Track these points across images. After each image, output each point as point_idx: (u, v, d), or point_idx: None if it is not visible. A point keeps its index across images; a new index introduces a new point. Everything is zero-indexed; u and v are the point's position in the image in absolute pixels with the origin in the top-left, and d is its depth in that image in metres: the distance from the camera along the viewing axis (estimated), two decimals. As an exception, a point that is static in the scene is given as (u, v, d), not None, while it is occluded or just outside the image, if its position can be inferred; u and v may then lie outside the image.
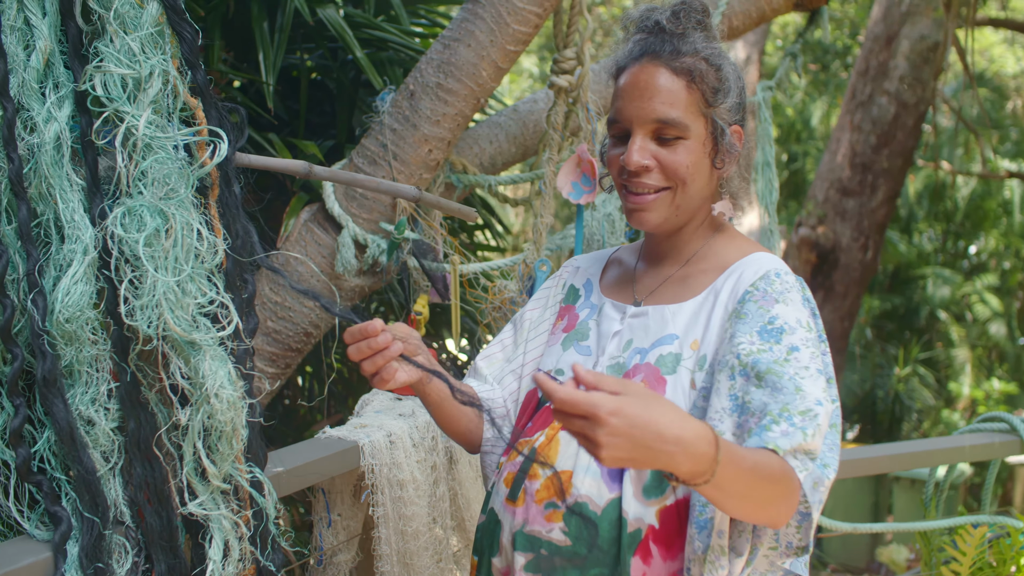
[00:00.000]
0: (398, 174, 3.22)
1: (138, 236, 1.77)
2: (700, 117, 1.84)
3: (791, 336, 1.75)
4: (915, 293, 15.33)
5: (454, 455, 2.78)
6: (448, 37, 3.24)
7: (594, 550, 1.77)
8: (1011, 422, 3.56)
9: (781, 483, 1.63)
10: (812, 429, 1.66)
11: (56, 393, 1.81)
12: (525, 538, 1.82)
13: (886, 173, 9.77)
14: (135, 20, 1.83)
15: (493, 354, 2.16)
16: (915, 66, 9.45)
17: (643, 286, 1.96)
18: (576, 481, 1.80)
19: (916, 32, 9.42)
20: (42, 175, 1.84)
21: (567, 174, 3.45)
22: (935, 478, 3.75)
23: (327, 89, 3.97)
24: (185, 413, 1.84)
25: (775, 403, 1.68)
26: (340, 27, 3.33)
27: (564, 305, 2.08)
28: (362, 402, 2.87)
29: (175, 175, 1.83)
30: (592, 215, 3.72)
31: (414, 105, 3.22)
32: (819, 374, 1.72)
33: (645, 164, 1.83)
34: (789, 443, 1.64)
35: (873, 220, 9.92)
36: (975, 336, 15.37)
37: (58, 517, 1.82)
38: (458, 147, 3.59)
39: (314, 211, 3.30)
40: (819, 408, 1.67)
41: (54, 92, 1.87)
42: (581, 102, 3.41)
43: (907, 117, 9.61)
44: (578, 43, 3.34)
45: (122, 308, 1.76)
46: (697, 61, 1.84)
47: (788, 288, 1.81)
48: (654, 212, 1.87)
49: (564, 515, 1.79)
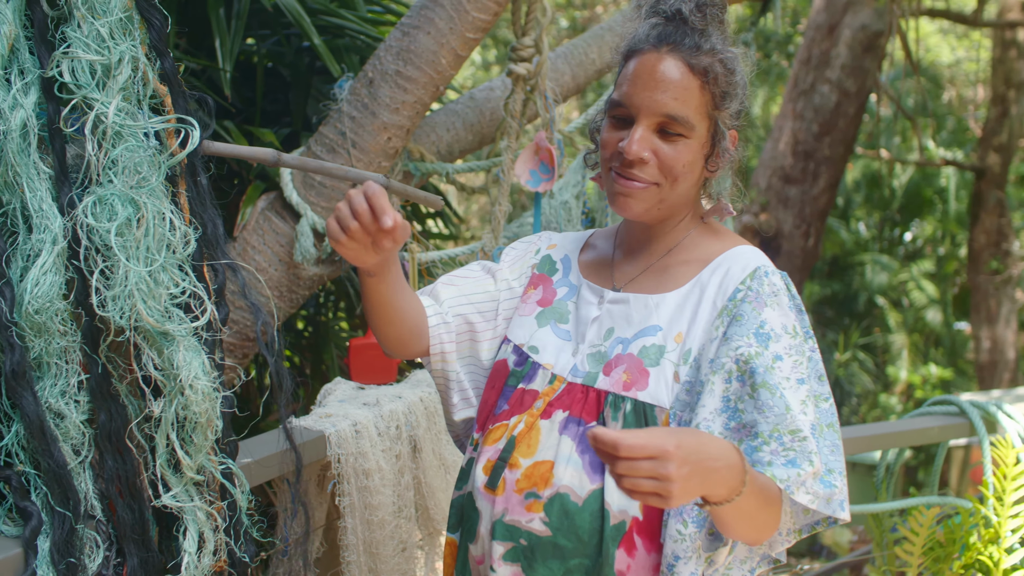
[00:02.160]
0: (357, 162, 3.21)
1: (109, 225, 1.74)
2: (706, 118, 1.81)
3: (776, 344, 1.76)
4: (854, 279, 15.58)
5: (418, 444, 2.78)
6: (407, 24, 3.22)
7: (575, 541, 1.77)
8: (960, 405, 3.63)
9: (776, 508, 1.70)
10: (807, 455, 1.70)
11: (25, 386, 1.78)
12: (504, 527, 1.81)
13: (828, 161, 9.89)
14: (104, 5, 1.79)
15: (454, 283, 2.07)
16: (856, 55, 9.57)
17: (622, 273, 1.94)
18: (557, 471, 1.79)
19: (858, 21, 9.54)
20: (8, 163, 1.80)
21: (525, 162, 3.46)
22: (886, 461, 3.81)
23: (280, 76, 3.93)
24: (158, 404, 1.81)
25: (765, 422, 1.71)
26: (298, 13, 3.29)
27: (538, 273, 2.04)
28: (324, 391, 2.85)
29: (146, 163, 1.80)
30: (548, 203, 3.73)
31: (373, 93, 3.20)
32: (799, 384, 1.75)
33: (644, 157, 1.79)
34: (787, 474, 1.69)
35: (815, 207, 10.05)
36: (912, 322, 15.66)
37: (28, 512, 1.79)
38: (415, 135, 3.57)
39: (271, 199, 3.27)
40: (805, 427, 1.71)
41: (20, 78, 1.83)
42: (539, 90, 3.41)
43: (848, 105, 9.73)
44: (536, 31, 3.34)
45: (93, 299, 1.73)
46: (715, 62, 1.80)
47: (776, 290, 1.81)
48: (639, 202, 1.83)
49: (544, 505, 1.79)
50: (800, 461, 1.69)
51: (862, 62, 9.59)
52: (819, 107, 9.75)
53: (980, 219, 11.68)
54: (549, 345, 1.93)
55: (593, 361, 1.87)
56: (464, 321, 2.03)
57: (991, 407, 3.56)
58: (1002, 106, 11.59)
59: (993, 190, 11.53)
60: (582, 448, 1.80)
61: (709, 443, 1.54)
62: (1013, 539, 3.32)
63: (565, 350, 1.91)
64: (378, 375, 3.14)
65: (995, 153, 11.54)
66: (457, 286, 2.06)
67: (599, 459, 1.77)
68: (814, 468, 1.70)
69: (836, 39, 9.65)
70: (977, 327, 12.19)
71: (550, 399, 1.87)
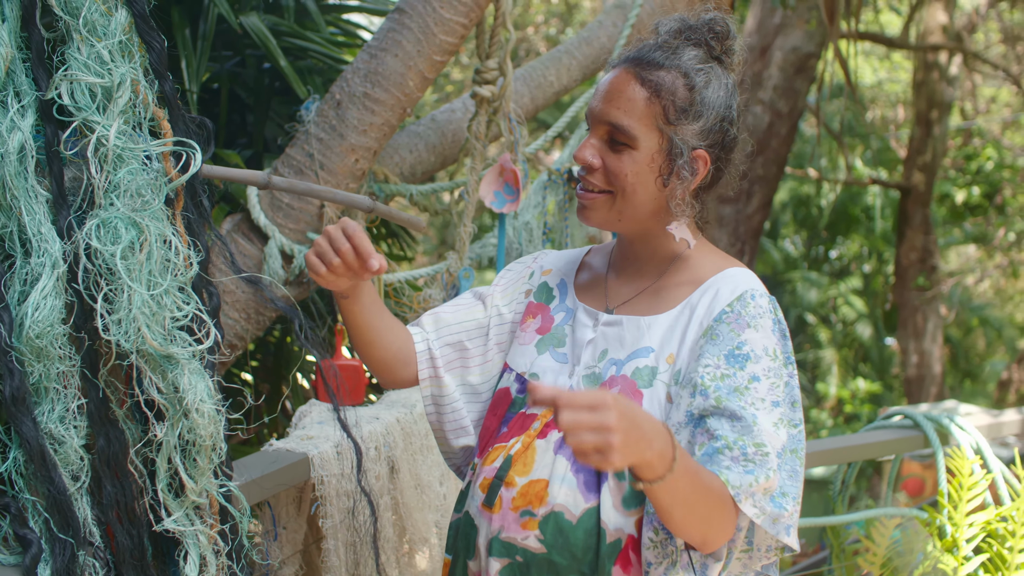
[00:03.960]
0: (325, 183, 3.20)
1: (114, 248, 1.73)
2: (654, 131, 1.84)
3: (755, 365, 1.80)
4: (784, 297, 15.84)
5: (395, 464, 2.78)
6: (375, 47, 3.24)
7: (569, 558, 1.80)
8: (914, 418, 3.72)
9: (721, 509, 1.72)
10: (765, 469, 1.73)
11: (25, 411, 1.75)
12: (501, 544, 1.84)
13: (761, 180, 10.07)
14: (104, 27, 1.78)
15: (442, 312, 2.11)
16: (788, 76, 9.77)
17: (616, 294, 1.97)
18: (552, 490, 1.83)
19: (789, 43, 9.75)
20: (5, 187, 1.78)
21: (490, 183, 3.49)
22: (842, 474, 3.89)
23: (238, 98, 3.91)
24: (161, 428, 1.80)
25: (731, 431, 1.75)
26: (263, 35, 3.29)
27: (536, 302, 2.07)
28: (300, 413, 2.84)
29: (148, 186, 1.79)
30: (511, 223, 3.76)
31: (341, 115, 3.21)
32: (774, 407, 1.78)
33: (591, 162, 1.86)
34: (740, 481, 1.72)
35: (749, 226, 10.22)
36: (841, 337, 15.94)
37: (27, 540, 1.76)
38: (379, 157, 3.58)
39: (237, 221, 3.25)
40: (771, 445, 1.75)
41: (16, 101, 1.81)
42: (503, 112, 3.44)
43: (781, 126, 9.93)
44: (501, 54, 3.38)
45: (98, 323, 1.72)
46: (675, 77, 1.84)
47: (761, 313, 1.85)
48: (594, 212, 1.89)
49: (540, 523, 1.81)
50: (757, 473, 1.72)
51: (794, 83, 9.80)
52: (752, 127, 9.92)
53: (906, 237, 11.94)
54: (548, 371, 1.97)
55: (588, 382, 1.91)
56: (453, 349, 2.08)
57: (944, 420, 3.65)
58: (925, 126, 11.89)
59: (919, 208, 11.80)
60: (577, 467, 1.83)
61: (641, 411, 1.56)
62: (968, 548, 3.42)
63: (563, 373, 1.95)
64: (346, 396, 3.13)
65: (920, 172, 11.82)
66: (445, 315, 2.10)
67: (594, 478, 1.82)
68: (768, 483, 1.73)
69: (768, 60, 9.85)
70: (904, 342, 12.45)
71: (547, 420, 1.90)
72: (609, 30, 4.13)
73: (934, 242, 12.12)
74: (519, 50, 15.53)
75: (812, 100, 11.10)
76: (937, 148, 11.93)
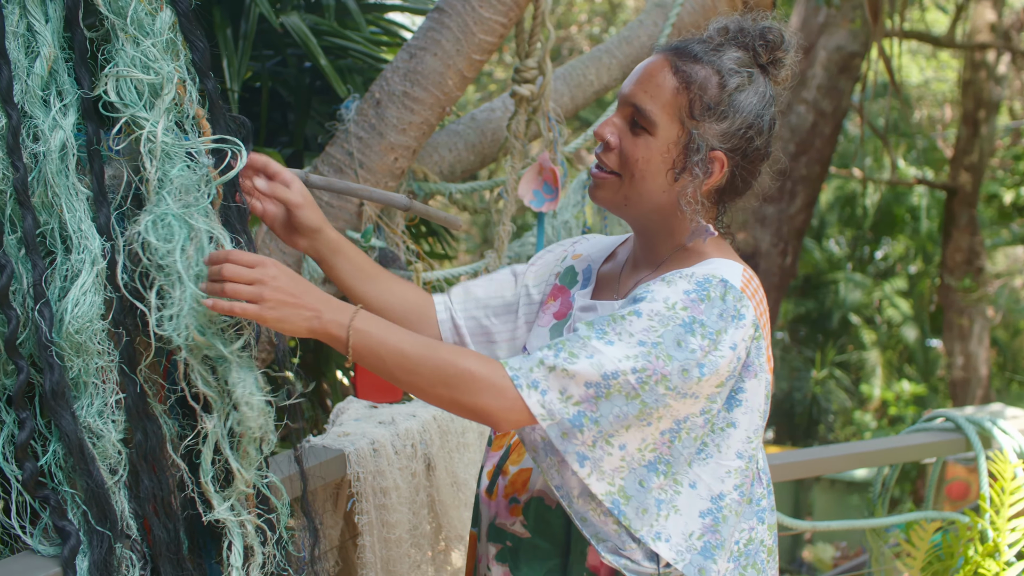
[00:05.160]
0: (364, 182, 3.23)
1: (170, 246, 1.75)
2: (676, 122, 1.81)
3: (644, 304, 1.73)
4: (828, 297, 15.72)
5: (432, 462, 2.79)
6: (414, 46, 3.26)
7: (550, 541, 1.86)
8: (956, 420, 3.68)
9: (450, 376, 1.71)
10: (570, 360, 1.69)
11: (64, 406, 1.78)
12: (495, 530, 1.93)
13: (804, 180, 10.00)
14: (151, 25, 1.81)
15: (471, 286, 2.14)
16: (832, 75, 9.69)
17: (624, 286, 1.96)
18: (533, 477, 1.89)
19: (833, 43, 9.67)
20: (47, 184, 1.80)
21: (528, 182, 3.49)
22: (882, 477, 3.86)
23: (279, 96, 3.95)
24: (210, 420, 1.83)
25: (558, 342, 1.74)
26: (304, 34, 3.32)
27: (559, 285, 2.05)
28: (337, 410, 2.86)
29: (196, 184, 1.82)
30: (551, 222, 3.77)
31: (380, 113, 3.23)
32: (639, 345, 1.69)
33: (608, 140, 1.85)
34: (519, 363, 1.71)
35: (792, 226, 10.15)
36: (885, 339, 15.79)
37: (66, 532, 1.79)
38: (418, 155, 3.60)
39: (277, 219, 3.28)
40: (600, 354, 1.69)
41: (58, 100, 1.84)
42: (542, 111, 3.45)
43: (824, 126, 9.85)
44: (540, 53, 3.38)
45: (151, 318, 1.75)
46: (709, 74, 1.81)
47: (689, 280, 1.76)
48: (601, 191, 1.88)
49: (523, 508, 1.88)
50: (543, 356, 1.70)
51: (837, 83, 9.72)
52: (795, 127, 9.86)
53: (952, 237, 11.83)
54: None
55: None
56: (477, 324, 2.10)
57: (987, 423, 3.61)
58: (972, 126, 11.76)
59: (965, 209, 11.68)
60: None
61: (311, 288, 1.74)
62: (1011, 553, 3.38)
63: None
64: (385, 394, 3.15)
65: (966, 172, 11.70)
66: (476, 289, 2.12)
67: None
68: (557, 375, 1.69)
69: (812, 60, 9.77)
70: (950, 344, 12.32)
71: None
72: (650, 29, 4.13)
73: (980, 243, 11.99)
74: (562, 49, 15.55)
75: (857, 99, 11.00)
76: (984, 148, 11.80)
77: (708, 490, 1.79)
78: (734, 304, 1.75)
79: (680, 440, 1.76)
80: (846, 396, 14.86)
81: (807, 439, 14.24)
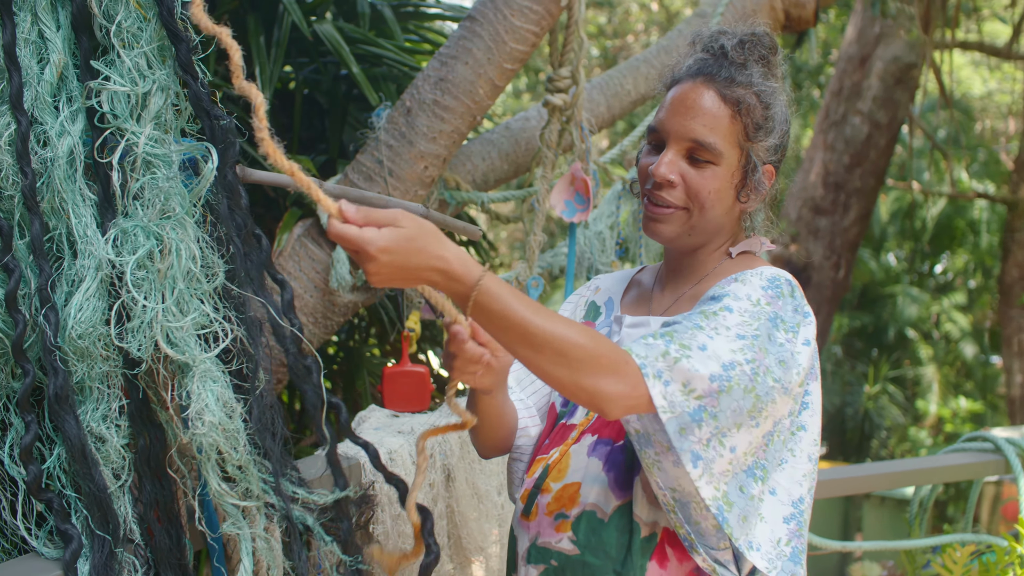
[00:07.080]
0: (393, 190, 3.22)
1: (129, 259, 1.76)
2: (736, 148, 1.84)
3: (731, 300, 1.74)
4: (884, 311, 15.48)
5: (451, 473, 2.78)
6: (445, 54, 3.25)
7: (602, 557, 1.79)
8: (995, 441, 3.60)
9: (576, 356, 1.60)
10: (684, 351, 1.64)
11: (68, 410, 1.79)
12: (537, 550, 1.86)
13: (859, 192, 9.86)
14: (137, 35, 1.82)
15: None
16: (888, 87, 9.56)
17: (658, 304, 1.96)
18: (583, 491, 1.83)
19: (889, 53, 9.53)
20: (55, 190, 1.83)
21: (560, 192, 3.47)
22: (920, 497, 3.78)
23: (316, 103, 3.96)
24: (187, 433, 1.83)
25: (664, 334, 1.68)
26: (337, 42, 3.32)
27: (585, 321, 2.07)
28: (359, 419, 2.86)
29: (174, 193, 1.81)
30: (583, 233, 3.74)
31: (410, 122, 3.22)
32: (739, 338, 1.69)
33: (670, 179, 1.83)
34: (645, 352, 1.64)
35: (845, 239, 10.01)
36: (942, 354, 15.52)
37: (68, 535, 1.80)
38: (451, 164, 3.59)
39: (307, 226, 3.29)
40: (714, 349, 1.66)
41: (67, 106, 1.86)
42: (575, 120, 3.42)
43: (880, 137, 9.71)
44: (573, 62, 3.36)
45: (112, 331, 1.75)
46: (748, 94, 1.84)
47: (754, 277, 1.78)
48: (668, 226, 1.86)
49: (572, 524, 1.82)
50: (665, 345, 1.65)
51: (893, 94, 9.58)
52: (850, 138, 9.73)
53: (1012, 252, 11.58)
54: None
55: None
56: (545, 404, 2.08)
57: (1027, 444, 3.53)
58: (1035, 139, 11.52)
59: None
60: (608, 467, 1.83)
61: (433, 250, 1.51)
62: (1050, 578, 3.29)
63: None
64: (411, 403, 3.14)
65: (1028, 186, 11.45)
66: None
67: (624, 475, 1.82)
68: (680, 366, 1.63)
69: (868, 71, 9.64)
70: (1009, 361, 12.06)
71: (584, 429, 1.91)
72: (689, 39, 4.08)
73: (1041, 259, 11.71)
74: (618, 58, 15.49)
75: (918, 111, 10.83)
76: (1047, 162, 11.56)
77: (788, 495, 1.77)
78: (801, 301, 1.80)
79: (773, 443, 1.75)
80: (899, 412, 14.61)
81: (859, 454, 14.03)
